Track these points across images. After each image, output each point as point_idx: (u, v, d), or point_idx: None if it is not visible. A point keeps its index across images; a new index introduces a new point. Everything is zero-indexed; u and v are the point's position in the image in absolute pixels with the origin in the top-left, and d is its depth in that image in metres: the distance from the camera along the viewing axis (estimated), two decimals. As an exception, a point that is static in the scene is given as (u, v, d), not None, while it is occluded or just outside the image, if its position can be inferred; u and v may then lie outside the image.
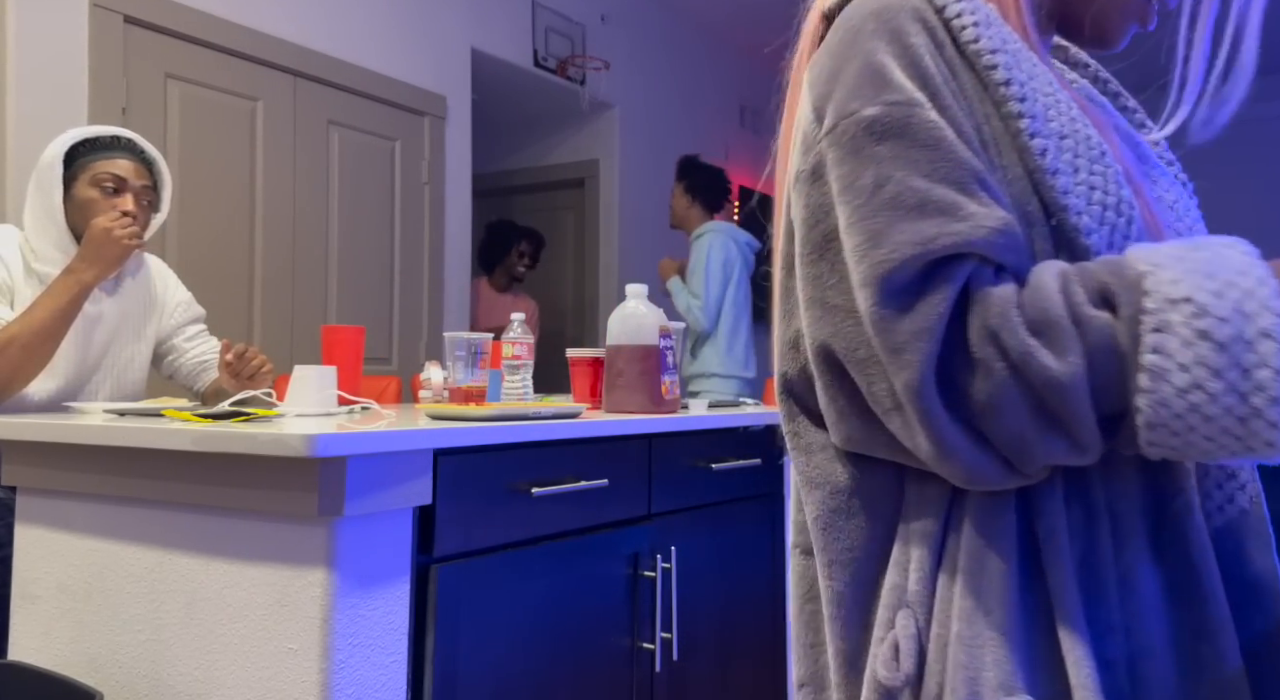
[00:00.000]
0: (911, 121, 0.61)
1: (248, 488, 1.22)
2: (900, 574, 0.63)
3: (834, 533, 0.66)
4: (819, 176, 0.64)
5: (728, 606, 1.95)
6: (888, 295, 0.58)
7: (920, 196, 0.59)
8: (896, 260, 0.58)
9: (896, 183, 0.60)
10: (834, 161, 0.63)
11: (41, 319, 1.71)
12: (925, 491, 0.63)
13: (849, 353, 0.61)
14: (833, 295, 0.62)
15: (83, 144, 1.86)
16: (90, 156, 1.85)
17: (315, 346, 3.37)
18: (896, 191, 0.59)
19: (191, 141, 3.04)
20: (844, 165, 0.62)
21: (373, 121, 3.64)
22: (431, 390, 2.06)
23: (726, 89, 5.85)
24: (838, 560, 0.66)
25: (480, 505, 1.38)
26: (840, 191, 0.62)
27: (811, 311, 0.64)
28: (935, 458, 0.58)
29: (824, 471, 0.68)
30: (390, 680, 1.25)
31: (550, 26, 4.47)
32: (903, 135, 0.60)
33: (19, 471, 1.47)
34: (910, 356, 0.57)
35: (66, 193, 1.83)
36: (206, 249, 3.06)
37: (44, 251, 1.83)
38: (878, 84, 0.62)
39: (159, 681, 1.31)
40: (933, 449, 0.58)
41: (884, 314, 0.58)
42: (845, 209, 0.61)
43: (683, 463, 1.82)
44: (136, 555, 1.34)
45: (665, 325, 1.82)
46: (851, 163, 0.61)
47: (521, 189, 5.33)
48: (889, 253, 0.58)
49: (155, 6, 2.90)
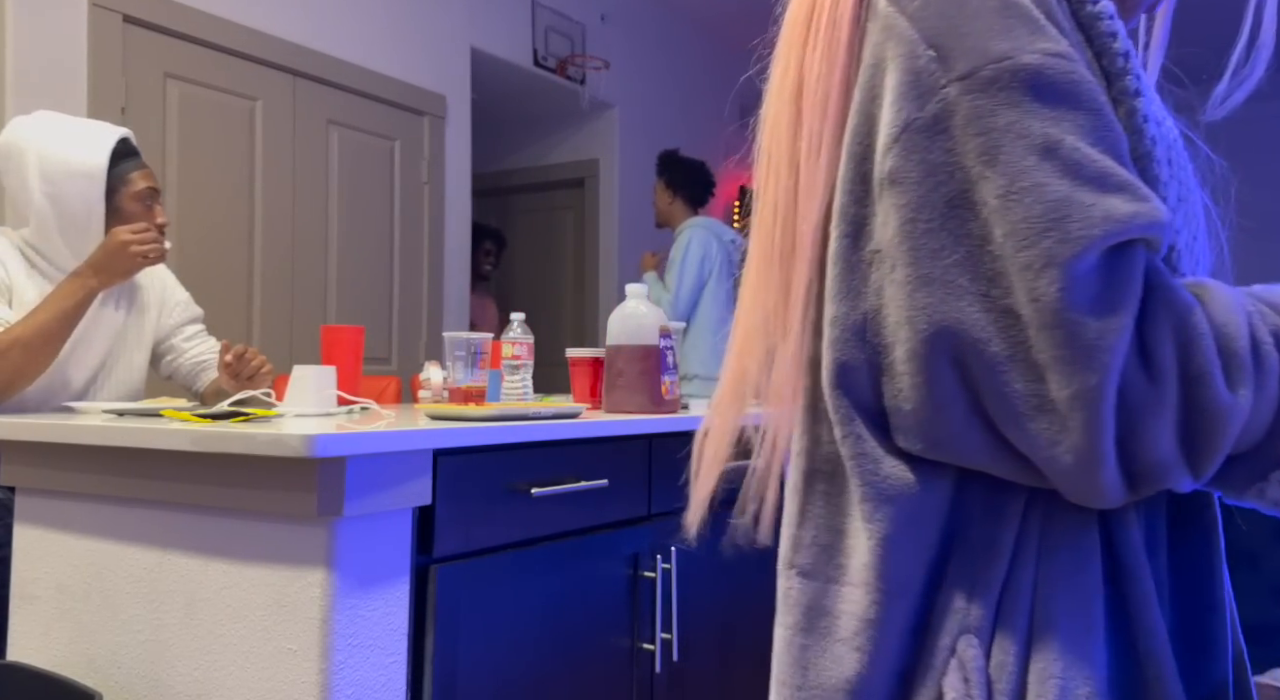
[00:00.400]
0: (1075, 79, 0.52)
1: (247, 488, 1.22)
2: (960, 596, 0.56)
3: (902, 554, 0.56)
4: (943, 129, 0.53)
5: (728, 607, 1.95)
6: (1076, 282, 0.49)
7: (1099, 167, 0.50)
8: (1087, 239, 0.49)
9: (1070, 148, 0.51)
10: (978, 113, 0.52)
11: (45, 322, 1.71)
12: (997, 504, 0.56)
13: (979, 345, 0.51)
14: (957, 274, 0.52)
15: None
16: (119, 166, 1.86)
17: (314, 346, 3.37)
18: (1074, 158, 0.50)
19: (191, 141, 3.03)
20: (996, 118, 0.52)
21: (372, 121, 3.63)
22: (431, 390, 2.06)
23: (726, 88, 5.85)
24: (901, 585, 0.56)
25: (480, 505, 1.38)
26: (990, 150, 0.52)
27: (921, 292, 0.53)
28: (1075, 469, 0.50)
29: (898, 483, 0.57)
30: (390, 681, 1.25)
31: (550, 26, 4.47)
32: (1068, 94, 0.51)
33: (18, 471, 1.46)
34: (1103, 357, 0.48)
35: (110, 207, 1.84)
36: (206, 249, 3.05)
37: (60, 260, 1.83)
38: (1029, 25, 0.53)
39: (158, 682, 1.30)
40: (1079, 460, 0.50)
41: (1073, 303, 0.48)
42: (1002, 173, 0.51)
43: (683, 463, 1.81)
44: (136, 556, 1.34)
45: (665, 325, 1.81)
46: (1009, 116, 0.51)
47: (521, 189, 5.33)
48: (1081, 229, 0.49)
49: (154, 6, 2.90)
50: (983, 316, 0.51)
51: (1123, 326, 0.49)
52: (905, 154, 0.54)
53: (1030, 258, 0.50)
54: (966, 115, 0.52)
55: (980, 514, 0.56)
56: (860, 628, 0.57)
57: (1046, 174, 0.50)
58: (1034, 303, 0.49)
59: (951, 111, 0.53)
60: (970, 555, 0.56)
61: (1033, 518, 0.55)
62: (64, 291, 1.74)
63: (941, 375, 0.53)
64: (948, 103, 0.53)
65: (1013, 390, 0.51)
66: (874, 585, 0.57)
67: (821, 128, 0.61)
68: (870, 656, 0.56)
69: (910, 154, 0.54)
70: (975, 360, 0.52)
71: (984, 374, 0.52)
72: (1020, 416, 0.51)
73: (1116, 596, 0.55)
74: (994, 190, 0.51)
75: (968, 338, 0.52)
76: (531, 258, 5.30)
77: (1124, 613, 0.54)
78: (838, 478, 0.60)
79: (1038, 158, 0.50)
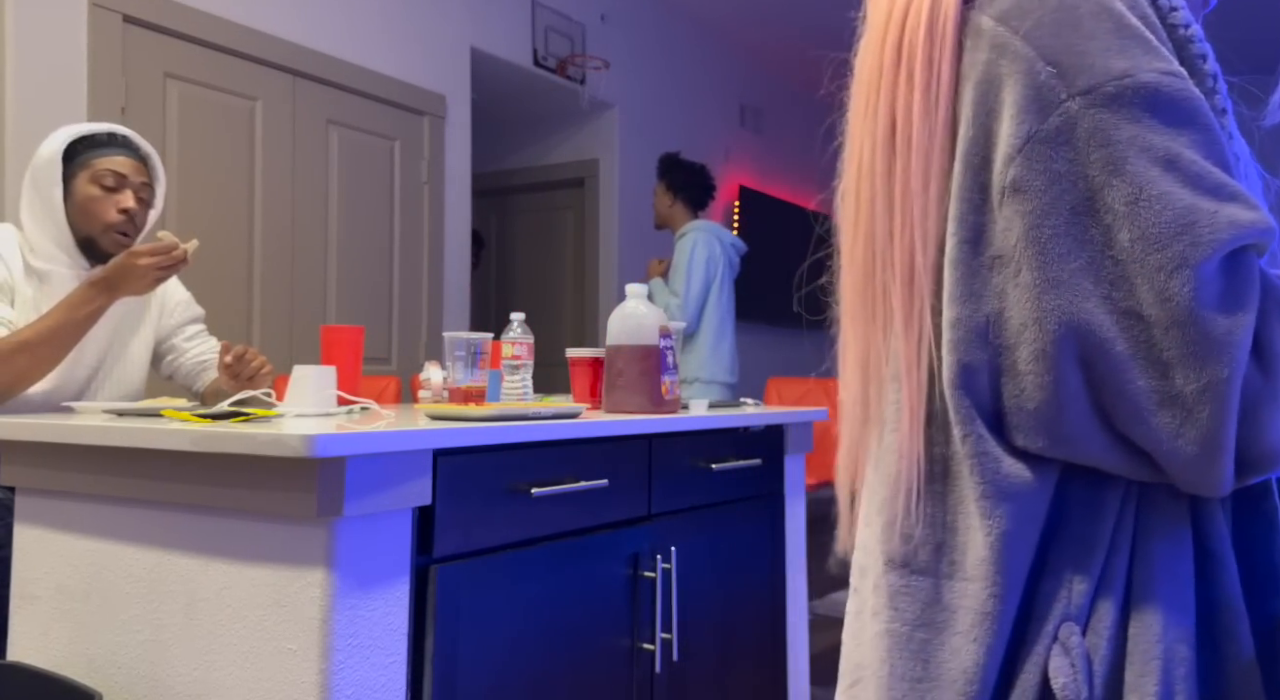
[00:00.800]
0: (1189, 96, 0.56)
1: (247, 488, 1.22)
2: (1062, 584, 0.59)
3: (1017, 549, 0.60)
4: (1066, 140, 0.57)
5: (728, 607, 1.95)
6: (1205, 282, 0.53)
7: (1216, 179, 0.54)
8: (1216, 243, 0.53)
9: (1189, 160, 0.55)
10: (1101, 126, 0.56)
11: (53, 328, 1.72)
12: (1099, 496, 0.59)
13: (1105, 345, 0.55)
14: (1082, 278, 0.56)
15: (79, 141, 1.86)
16: (88, 154, 1.85)
17: (314, 346, 3.37)
18: (1194, 170, 0.54)
19: (190, 141, 3.03)
20: (1120, 131, 0.56)
21: (372, 121, 3.63)
22: (431, 390, 2.06)
23: (727, 88, 5.85)
24: (1016, 578, 0.60)
25: (480, 506, 1.38)
26: (1115, 160, 0.55)
27: (1049, 295, 0.56)
28: (1199, 459, 0.54)
29: (1017, 481, 0.60)
30: (389, 681, 1.24)
31: (550, 26, 4.47)
32: (1183, 110, 0.55)
33: (18, 472, 1.46)
34: (1232, 351, 0.52)
35: (66, 190, 1.83)
36: (205, 249, 3.05)
37: (43, 248, 1.83)
38: (1143, 45, 0.57)
39: (158, 682, 1.30)
40: (1205, 450, 0.54)
41: (1203, 302, 0.52)
42: (1129, 181, 0.55)
43: (683, 463, 1.81)
44: (135, 556, 1.34)
45: (665, 325, 1.81)
46: (1131, 130, 0.55)
47: (521, 189, 5.33)
48: (1210, 234, 0.53)
49: (154, 6, 2.90)
50: (1107, 318, 0.55)
51: (1248, 323, 0.53)
52: (1029, 163, 0.58)
53: (1162, 260, 0.53)
54: (1090, 128, 0.56)
55: (1080, 508, 0.60)
56: (978, 620, 0.60)
57: (1171, 183, 0.54)
58: (1165, 302, 0.53)
59: (1074, 124, 0.57)
60: (1071, 546, 0.59)
61: (1128, 511, 0.59)
62: (76, 300, 1.74)
63: (1067, 374, 0.57)
64: (1070, 116, 0.57)
65: (1136, 387, 0.55)
66: (991, 579, 0.59)
67: (927, 166, 0.64)
68: (988, 647, 0.59)
69: (1034, 163, 0.57)
70: (1101, 359, 0.56)
71: (1109, 372, 0.55)
72: (1143, 411, 0.55)
73: (1204, 582, 0.58)
74: (1121, 198, 0.55)
75: (1094, 338, 0.55)
76: (531, 258, 5.30)
77: (1213, 598, 0.58)
78: (949, 478, 0.63)
79: (1161, 169, 0.54)
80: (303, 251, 3.38)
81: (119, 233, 1.86)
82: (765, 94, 6.26)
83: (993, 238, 0.60)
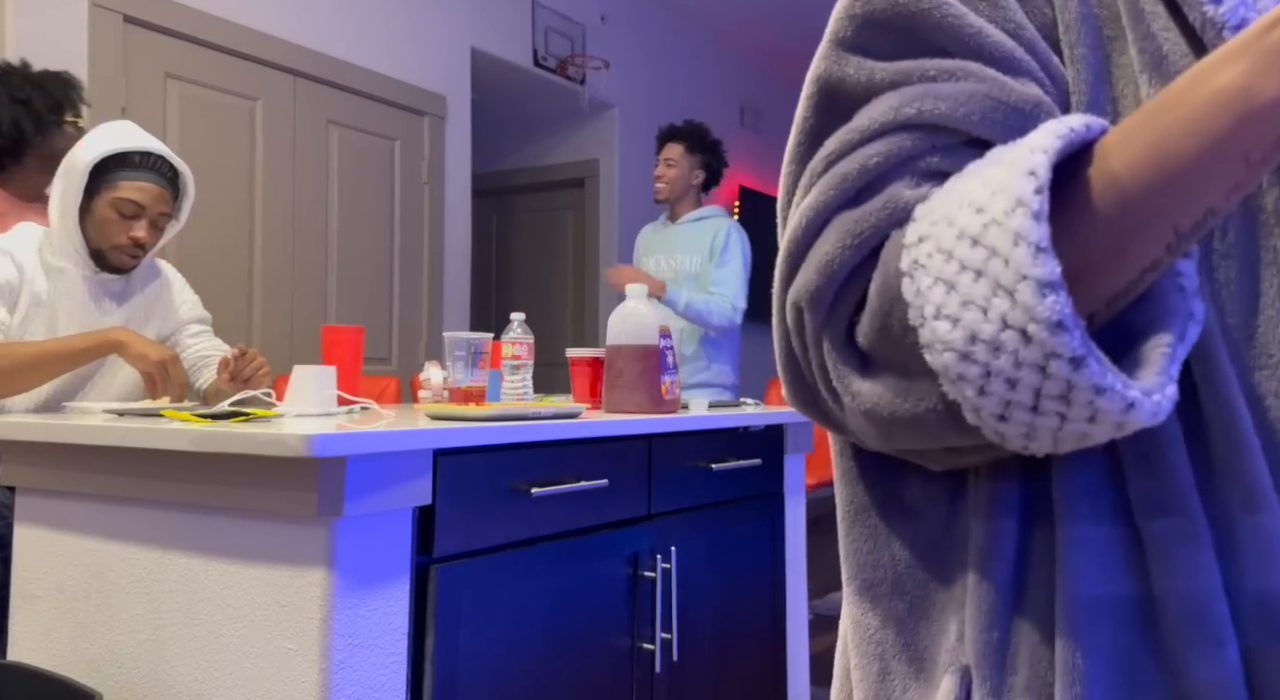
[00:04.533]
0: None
1: (247, 488, 1.22)
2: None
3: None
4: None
5: (728, 607, 1.95)
6: None
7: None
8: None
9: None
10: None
11: (47, 358, 1.75)
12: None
13: None
14: None
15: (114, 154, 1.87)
16: (117, 173, 1.86)
17: (314, 346, 3.37)
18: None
19: (191, 141, 3.03)
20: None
21: (372, 121, 3.63)
22: (431, 390, 2.06)
23: (726, 89, 5.85)
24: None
25: (480, 505, 1.38)
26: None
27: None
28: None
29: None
30: (390, 681, 1.25)
31: (550, 26, 4.47)
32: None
33: (18, 472, 1.46)
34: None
35: (89, 201, 1.86)
36: (206, 249, 3.05)
37: (61, 246, 1.87)
38: None
39: (158, 682, 1.30)
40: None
41: None
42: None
43: (683, 463, 1.81)
44: (136, 555, 1.34)
45: (665, 325, 1.81)
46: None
47: (521, 189, 5.33)
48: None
49: (155, 6, 2.90)
50: None
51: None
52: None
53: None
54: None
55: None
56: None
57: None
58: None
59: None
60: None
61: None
62: (87, 337, 1.79)
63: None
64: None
65: None
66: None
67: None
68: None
69: None
70: None
71: None
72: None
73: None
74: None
75: None
76: (531, 258, 5.30)
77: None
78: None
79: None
80: (303, 251, 3.38)
81: (127, 254, 1.90)
82: (765, 94, 6.26)
83: None
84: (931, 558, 0.53)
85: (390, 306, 3.72)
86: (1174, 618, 0.44)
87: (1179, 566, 0.45)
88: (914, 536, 0.54)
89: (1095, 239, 0.42)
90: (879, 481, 0.56)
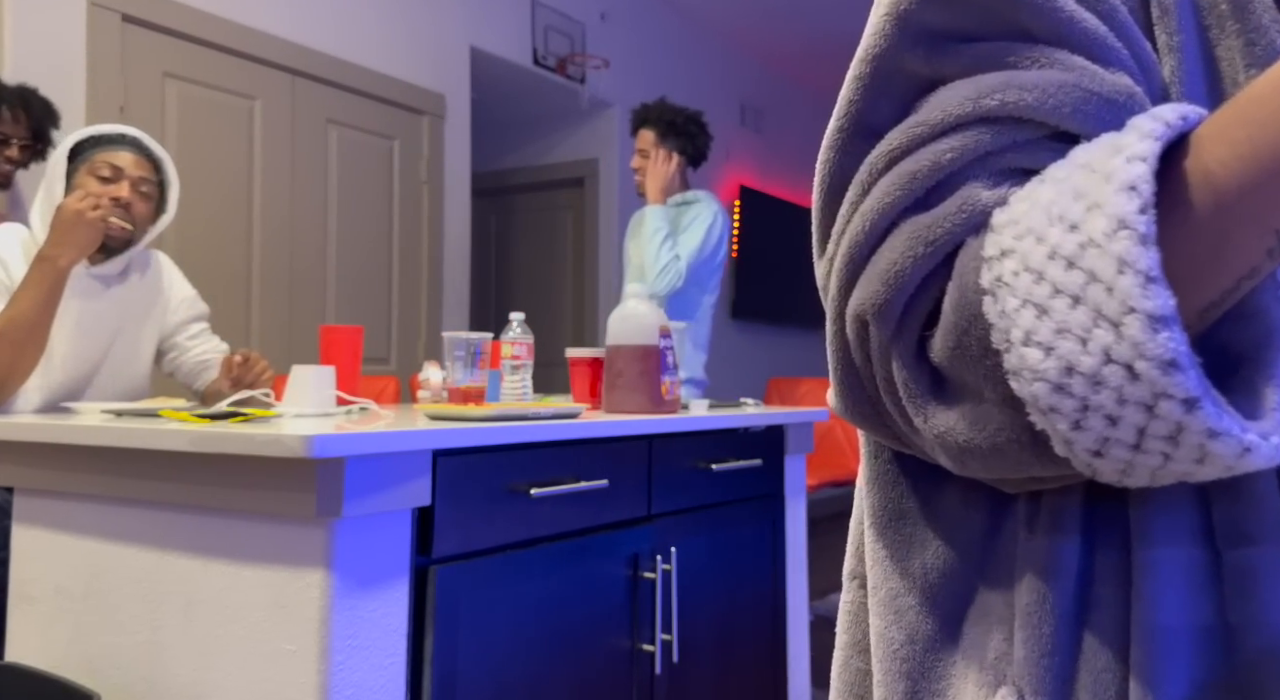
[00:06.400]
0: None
1: (246, 488, 1.22)
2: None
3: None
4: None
5: (728, 608, 1.95)
6: None
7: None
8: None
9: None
10: None
11: (24, 311, 1.70)
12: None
13: None
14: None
15: (88, 141, 1.87)
16: (93, 151, 1.87)
17: (313, 346, 3.36)
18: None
19: (189, 140, 3.03)
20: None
21: (371, 120, 3.63)
22: (430, 390, 2.06)
23: (727, 88, 5.84)
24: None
25: (479, 506, 1.37)
26: None
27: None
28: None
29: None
30: (389, 682, 1.24)
31: (550, 25, 4.47)
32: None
33: (16, 472, 1.46)
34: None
35: (69, 186, 1.85)
36: (204, 248, 3.05)
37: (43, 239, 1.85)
38: None
39: (156, 683, 1.30)
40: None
41: None
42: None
43: (683, 463, 1.81)
44: (134, 556, 1.34)
45: (665, 325, 1.81)
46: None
47: (521, 188, 5.33)
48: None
49: (153, 5, 2.89)
50: None
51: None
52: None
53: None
54: None
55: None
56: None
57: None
58: None
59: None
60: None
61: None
62: (34, 278, 1.71)
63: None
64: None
65: None
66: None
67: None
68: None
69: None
70: None
71: None
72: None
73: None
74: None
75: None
76: (531, 258, 5.30)
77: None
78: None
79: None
80: (302, 251, 3.38)
81: (115, 218, 1.82)
82: (766, 93, 6.26)
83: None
84: (967, 569, 0.50)
85: (389, 306, 3.71)
86: (1255, 650, 0.41)
87: (1264, 597, 0.42)
88: (949, 545, 0.51)
89: (1188, 244, 0.38)
90: (918, 486, 0.52)
